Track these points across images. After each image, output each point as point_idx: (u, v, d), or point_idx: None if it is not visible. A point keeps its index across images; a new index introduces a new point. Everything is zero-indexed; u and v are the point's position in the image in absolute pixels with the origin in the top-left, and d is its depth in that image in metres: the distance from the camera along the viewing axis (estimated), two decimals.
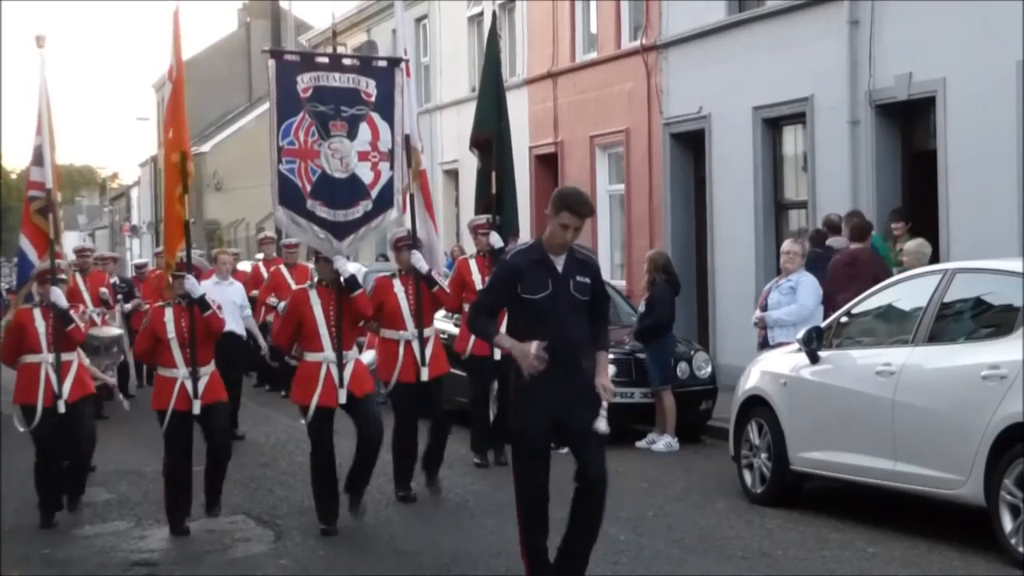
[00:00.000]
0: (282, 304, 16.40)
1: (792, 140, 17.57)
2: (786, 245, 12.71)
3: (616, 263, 22.30)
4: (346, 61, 10.74)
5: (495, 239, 12.36)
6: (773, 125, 17.61)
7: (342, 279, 9.87)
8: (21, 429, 10.33)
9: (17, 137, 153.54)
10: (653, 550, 8.90)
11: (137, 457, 13.31)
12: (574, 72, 22.62)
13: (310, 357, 9.82)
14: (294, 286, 16.82)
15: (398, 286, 11.02)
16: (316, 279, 10.08)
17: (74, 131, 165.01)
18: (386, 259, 19.87)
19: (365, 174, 10.20)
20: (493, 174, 12.63)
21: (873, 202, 15.27)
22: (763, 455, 10.46)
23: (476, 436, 12.60)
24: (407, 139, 10.69)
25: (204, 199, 45.47)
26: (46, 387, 10.21)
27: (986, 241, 13.02)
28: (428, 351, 10.96)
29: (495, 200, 12.63)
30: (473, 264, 12.53)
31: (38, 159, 10.82)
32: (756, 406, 10.64)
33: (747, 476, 10.67)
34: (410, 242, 11.00)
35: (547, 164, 23.39)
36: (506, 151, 12.88)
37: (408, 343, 10.93)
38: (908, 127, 15.57)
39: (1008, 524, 8.15)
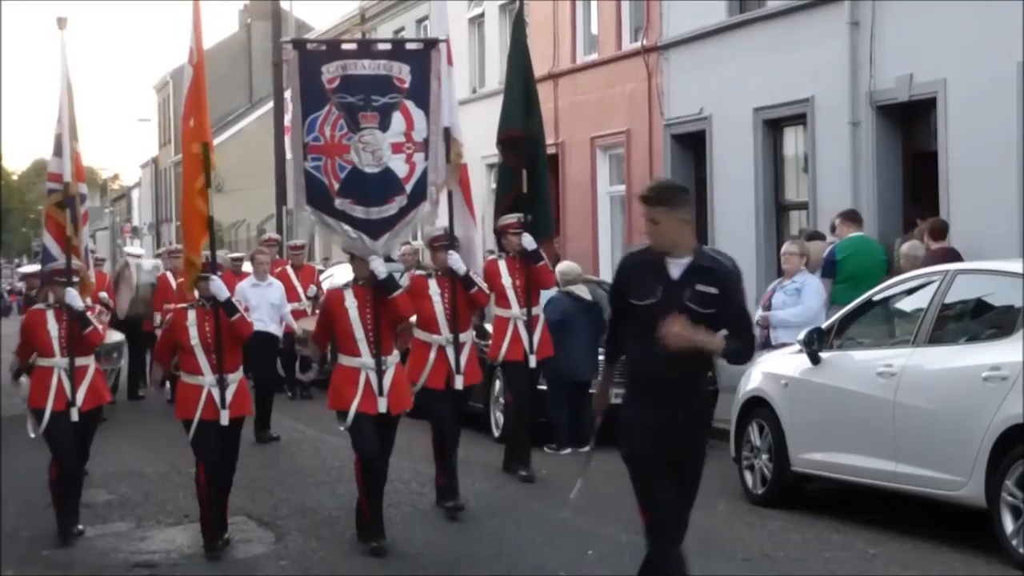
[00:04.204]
0: (298, 305, 16.48)
1: (793, 141, 17.56)
2: (785, 246, 12.74)
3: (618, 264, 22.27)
4: (376, 47, 10.14)
5: (528, 241, 11.52)
6: (774, 126, 17.60)
7: (379, 280, 9.25)
8: (32, 435, 9.90)
9: (21, 139, 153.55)
10: None
11: (138, 458, 13.31)
12: (575, 73, 22.61)
13: (346, 362, 9.25)
14: (300, 287, 16.95)
15: (433, 287, 10.40)
16: (352, 278, 9.48)
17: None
18: (391, 259, 19.84)
19: (399, 167, 9.59)
20: (525, 172, 11.88)
21: (874, 203, 15.25)
22: (764, 456, 10.46)
23: (517, 447, 11.81)
24: (447, 131, 9.96)
25: None
26: (58, 392, 9.67)
27: (987, 242, 13.01)
28: (463, 357, 10.38)
29: (527, 200, 11.81)
30: (503, 266, 11.68)
31: (58, 149, 10.31)
32: (757, 407, 10.63)
33: (748, 477, 10.66)
34: (447, 242, 10.37)
35: (548, 165, 23.34)
36: (539, 148, 12.11)
37: (441, 348, 10.36)
38: (909, 128, 15.56)
39: (1009, 525, 8.15)
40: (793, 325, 11.66)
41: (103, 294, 16.99)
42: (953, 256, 11.95)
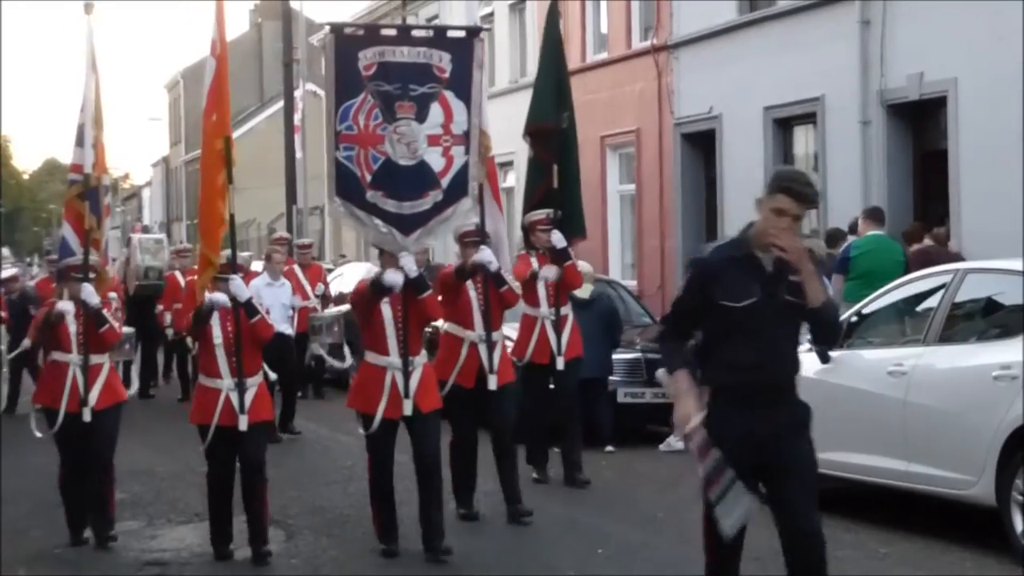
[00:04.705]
0: (308, 302, 16.41)
1: (803, 140, 17.58)
2: None
3: (627, 263, 22.29)
4: (417, 33, 9.72)
5: (558, 238, 11.14)
6: (784, 125, 17.61)
7: (409, 278, 8.82)
8: (38, 434, 9.58)
9: (33, 138, 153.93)
10: (665, 551, 8.90)
11: (149, 457, 13.34)
12: (585, 72, 22.60)
13: (373, 360, 8.90)
14: (308, 286, 16.93)
15: (469, 282, 10.04)
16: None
17: None
18: None
19: (435, 161, 9.12)
20: (555, 167, 11.37)
21: (884, 202, 15.25)
22: None
23: (533, 449, 11.59)
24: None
25: None
26: (72, 391, 9.30)
27: (997, 241, 13.00)
28: (496, 356, 9.94)
29: (557, 195, 11.37)
30: (534, 263, 11.35)
31: (79, 139, 9.89)
32: None
33: None
34: (478, 238, 9.97)
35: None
36: (570, 141, 11.66)
37: (473, 345, 9.98)
38: (919, 127, 15.57)
39: (1019, 524, 8.15)
40: None
41: (113, 295, 16.94)
42: (931, 256, 12.02)
